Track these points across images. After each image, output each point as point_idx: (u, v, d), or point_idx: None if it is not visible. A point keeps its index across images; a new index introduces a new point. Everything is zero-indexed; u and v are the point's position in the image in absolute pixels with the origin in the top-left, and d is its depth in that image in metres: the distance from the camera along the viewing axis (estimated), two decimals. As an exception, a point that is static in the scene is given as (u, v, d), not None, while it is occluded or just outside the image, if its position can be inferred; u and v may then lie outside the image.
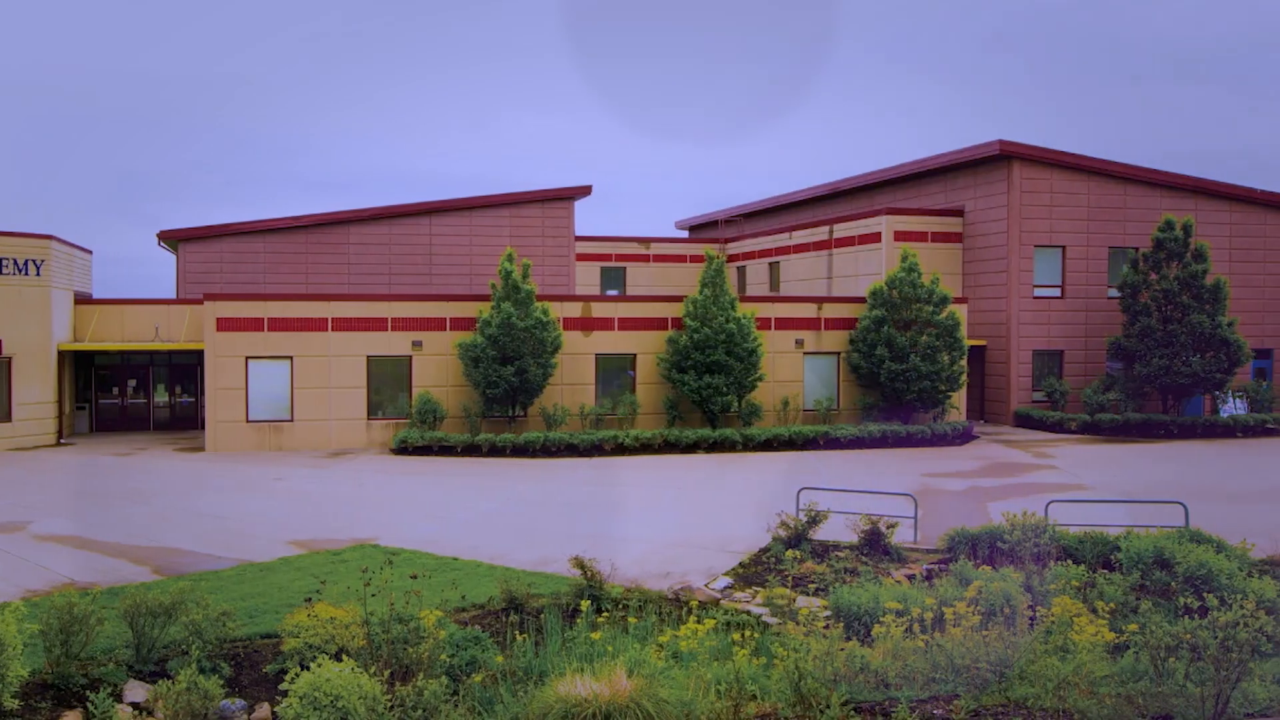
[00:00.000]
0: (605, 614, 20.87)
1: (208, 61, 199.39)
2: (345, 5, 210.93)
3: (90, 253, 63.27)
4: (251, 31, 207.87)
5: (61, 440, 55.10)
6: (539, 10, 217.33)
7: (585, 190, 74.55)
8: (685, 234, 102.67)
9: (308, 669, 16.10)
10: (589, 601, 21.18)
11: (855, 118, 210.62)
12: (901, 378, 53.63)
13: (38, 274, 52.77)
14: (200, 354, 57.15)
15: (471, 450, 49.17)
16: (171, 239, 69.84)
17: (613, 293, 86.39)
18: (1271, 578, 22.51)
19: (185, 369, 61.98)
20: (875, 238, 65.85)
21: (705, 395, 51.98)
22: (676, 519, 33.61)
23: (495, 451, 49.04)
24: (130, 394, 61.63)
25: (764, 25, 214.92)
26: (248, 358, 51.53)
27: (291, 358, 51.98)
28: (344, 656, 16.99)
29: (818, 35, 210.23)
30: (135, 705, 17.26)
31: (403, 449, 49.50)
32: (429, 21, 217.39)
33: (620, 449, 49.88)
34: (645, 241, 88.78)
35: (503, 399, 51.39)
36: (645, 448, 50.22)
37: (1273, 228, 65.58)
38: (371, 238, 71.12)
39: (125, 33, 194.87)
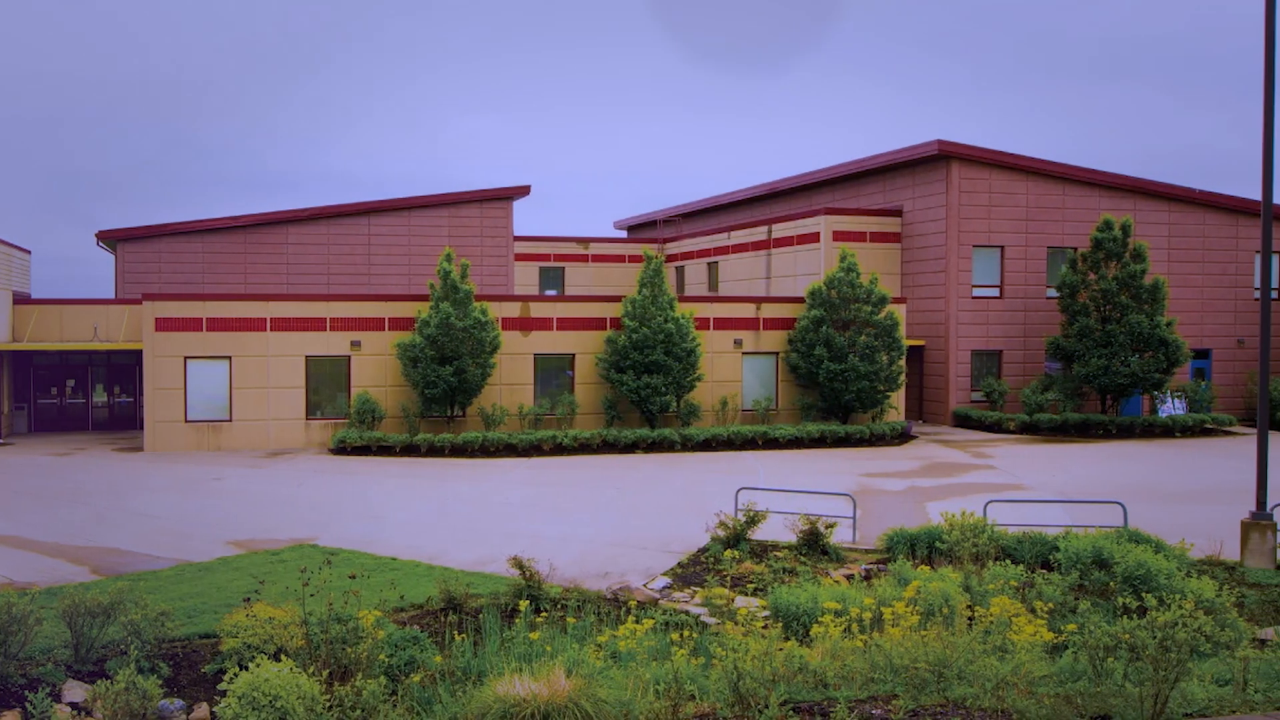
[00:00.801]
0: (544, 614, 20.73)
1: (145, 62, 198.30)
2: (281, 7, 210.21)
3: (29, 253, 62.86)
4: (188, 33, 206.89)
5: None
6: (475, 10, 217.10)
7: (524, 190, 74.56)
8: (624, 234, 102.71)
9: (246, 669, 15.97)
10: (527, 601, 21.10)
11: (794, 118, 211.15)
12: (840, 378, 53.67)
13: (-25, 274, 52.36)
14: (139, 354, 56.81)
15: (410, 450, 49.02)
16: (110, 239, 69.50)
17: (551, 293, 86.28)
18: (1210, 577, 22.59)
19: (124, 369, 61.66)
20: (814, 238, 65.89)
21: (644, 395, 51.92)
22: (615, 519, 33.56)
23: (434, 451, 48.92)
24: (69, 394, 61.28)
25: (707, 26, 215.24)
26: (186, 358, 51.21)
27: (230, 358, 51.67)
28: (283, 656, 16.83)
29: (760, 36, 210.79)
30: (74, 705, 17.10)
31: (341, 449, 49.34)
32: (364, 22, 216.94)
33: (559, 449, 49.79)
34: (584, 241, 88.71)
35: (441, 399, 51.23)
36: (584, 448, 50.18)
37: (1211, 228, 65.91)
38: (310, 238, 70.95)
39: (61, 33, 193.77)
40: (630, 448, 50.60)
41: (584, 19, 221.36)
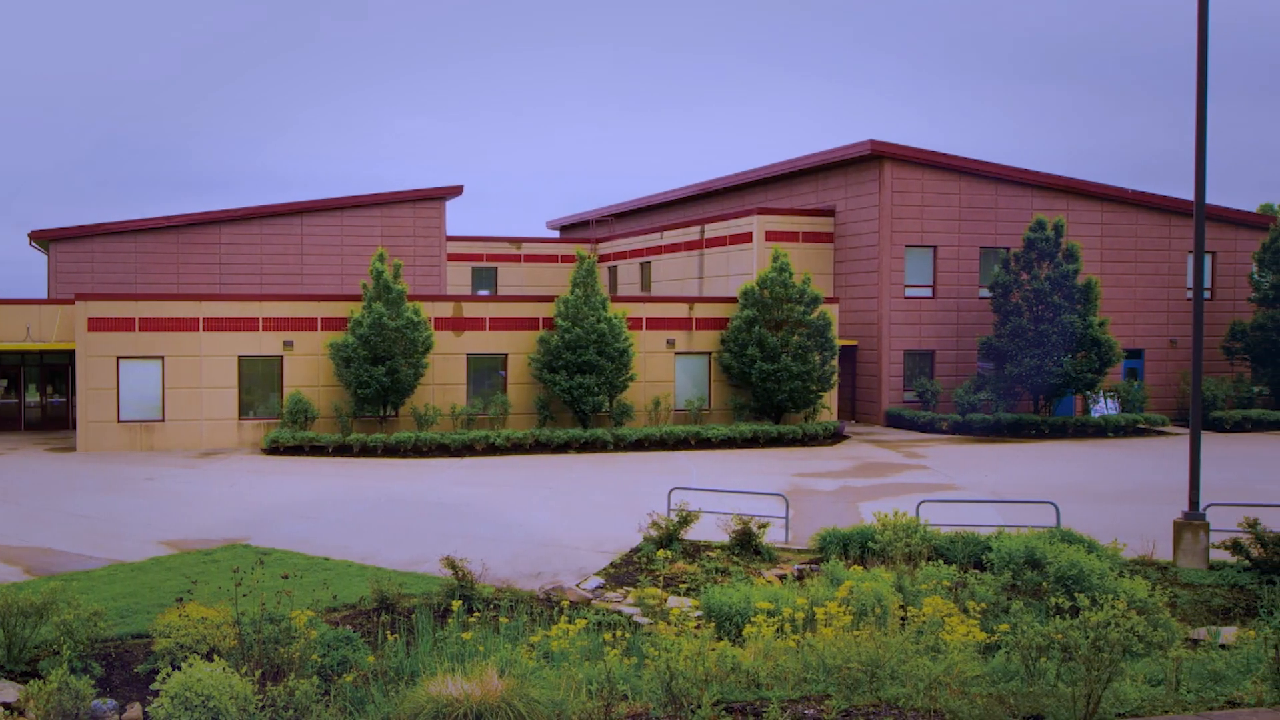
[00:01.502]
0: (477, 614, 20.64)
1: (77, 61, 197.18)
2: (214, 6, 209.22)
3: (-40, 253, 62.46)
4: (121, 32, 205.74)
5: (-71, 441, 54.15)
6: (407, 12, 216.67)
7: (456, 190, 74.57)
8: (556, 234, 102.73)
9: (179, 669, 15.89)
10: (460, 601, 20.96)
11: (726, 117, 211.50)
12: (773, 378, 53.70)
13: (-97, 273, 51.98)
14: (72, 354, 56.42)
15: (343, 450, 48.80)
16: (43, 239, 69.31)
17: (484, 293, 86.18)
18: (1143, 578, 22.62)
19: (57, 369, 61.25)
20: (746, 238, 65.94)
21: (577, 395, 51.84)
22: (548, 519, 33.49)
23: (367, 451, 48.72)
24: (1, 394, 60.77)
25: (639, 25, 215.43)
26: (119, 358, 50.89)
27: (163, 358, 51.34)
28: (215, 656, 16.75)
29: (691, 36, 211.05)
30: (7, 705, 16.90)
31: (274, 449, 49.08)
32: (298, 23, 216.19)
33: (492, 449, 49.63)
34: (516, 241, 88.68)
35: (374, 399, 51.06)
36: (517, 448, 50.03)
37: (1144, 228, 66.26)
38: (243, 238, 70.87)
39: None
40: (563, 448, 50.48)
41: (515, 20, 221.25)
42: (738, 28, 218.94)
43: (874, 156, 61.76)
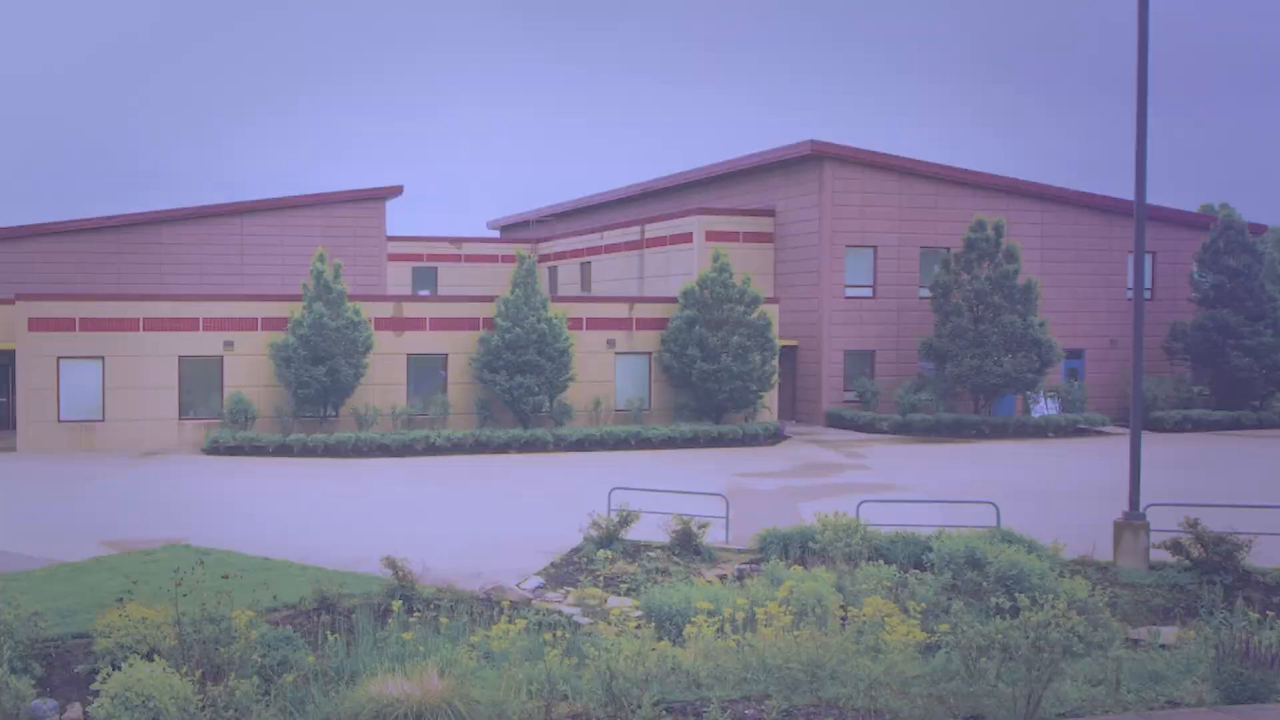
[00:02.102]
0: (417, 614, 20.55)
1: (12, 60, 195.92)
2: (152, 5, 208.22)
3: (-100, 254, 61.95)
4: (58, 30, 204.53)
5: None
6: (346, 10, 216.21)
7: (396, 190, 74.57)
8: (497, 234, 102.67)
9: (120, 669, 15.77)
10: (401, 601, 20.83)
11: (667, 117, 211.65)
12: (713, 378, 53.73)
13: None
14: (12, 354, 56.00)
15: (283, 450, 48.63)
16: (-18, 239, 68.89)
17: (425, 293, 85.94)
18: (1083, 578, 22.68)
19: (-2, 368, 60.86)
20: (687, 238, 65.95)
21: (517, 395, 51.76)
22: (488, 519, 33.49)
23: (307, 452, 48.56)
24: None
25: (577, 24, 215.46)
26: (59, 358, 50.70)
27: (103, 358, 51.12)
28: (156, 656, 16.66)
29: (631, 34, 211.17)
30: (-54, 706, 16.79)
31: (215, 449, 48.87)
32: (236, 21, 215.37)
33: (432, 449, 49.58)
34: (457, 241, 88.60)
35: (315, 399, 50.93)
36: (457, 448, 49.96)
37: (1084, 228, 66.51)
38: (183, 238, 70.78)
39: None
40: (503, 448, 50.44)
41: (455, 21, 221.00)
42: (677, 26, 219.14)
43: (814, 157, 61.82)
